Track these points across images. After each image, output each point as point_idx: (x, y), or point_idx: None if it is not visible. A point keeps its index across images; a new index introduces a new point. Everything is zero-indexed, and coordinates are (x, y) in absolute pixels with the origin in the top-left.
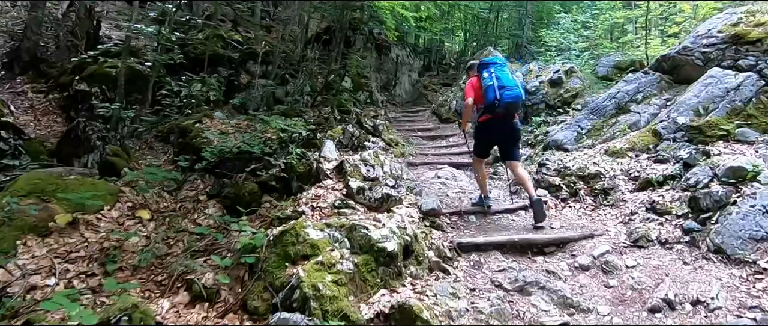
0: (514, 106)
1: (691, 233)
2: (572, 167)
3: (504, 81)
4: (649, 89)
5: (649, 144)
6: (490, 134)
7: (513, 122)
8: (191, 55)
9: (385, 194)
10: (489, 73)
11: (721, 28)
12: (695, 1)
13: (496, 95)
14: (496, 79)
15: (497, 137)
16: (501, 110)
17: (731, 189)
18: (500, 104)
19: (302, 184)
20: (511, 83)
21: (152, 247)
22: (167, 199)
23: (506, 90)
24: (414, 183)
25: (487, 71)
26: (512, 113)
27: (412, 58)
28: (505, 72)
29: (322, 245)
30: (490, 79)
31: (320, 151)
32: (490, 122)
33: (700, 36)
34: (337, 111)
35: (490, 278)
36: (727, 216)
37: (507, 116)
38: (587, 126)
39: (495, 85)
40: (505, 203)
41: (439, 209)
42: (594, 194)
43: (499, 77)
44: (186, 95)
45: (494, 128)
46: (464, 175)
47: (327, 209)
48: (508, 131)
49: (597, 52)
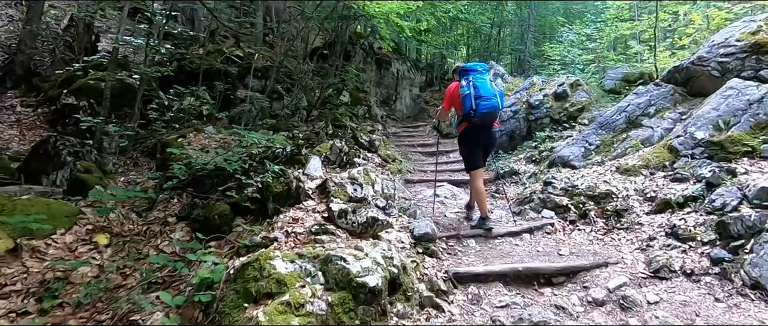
0: (489, 116)
1: (720, 264)
2: (581, 185)
3: (481, 90)
4: (662, 102)
5: (665, 161)
6: (470, 141)
7: (491, 131)
8: (187, 68)
9: (371, 217)
10: (467, 82)
11: (739, 37)
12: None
13: (471, 105)
14: (474, 88)
15: (479, 144)
16: (477, 119)
17: (766, 213)
18: (476, 114)
19: (279, 205)
20: (488, 93)
21: (104, 278)
22: (135, 221)
23: (483, 100)
24: (408, 203)
25: (466, 79)
26: (488, 122)
27: (413, 73)
28: (484, 81)
29: (290, 280)
30: (467, 88)
31: (304, 168)
32: (469, 131)
33: (717, 45)
34: (331, 126)
35: (491, 315)
36: (763, 245)
37: (483, 125)
38: (596, 142)
39: (471, 94)
40: (507, 225)
41: (433, 234)
42: (606, 216)
43: (476, 86)
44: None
45: (472, 136)
46: (464, 193)
47: (303, 236)
48: (484, 140)
49: (603, 65)
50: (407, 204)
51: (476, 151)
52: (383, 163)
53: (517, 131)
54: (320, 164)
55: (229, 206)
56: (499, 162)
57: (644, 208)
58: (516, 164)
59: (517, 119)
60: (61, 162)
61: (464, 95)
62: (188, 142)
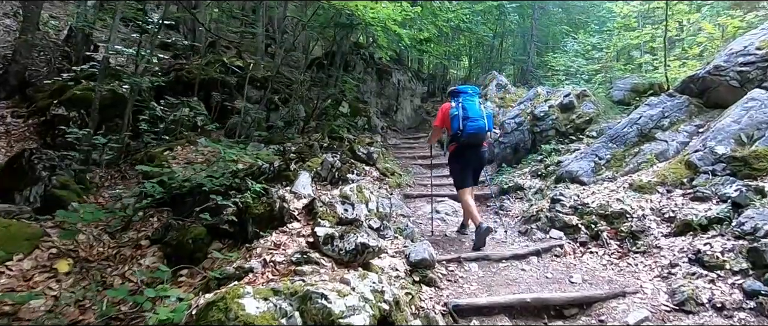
0: (476, 137)
1: (756, 297)
2: (591, 203)
3: (469, 112)
4: (677, 114)
5: (683, 178)
6: (459, 161)
7: (480, 151)
8: (184, 79)
9: (361, 244)
10: (457, 103)
11: (759, 45)
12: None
13: (459, 126)
14: (462, 110)
15: (465, 163)
16: (464, 140)
17: None
18: (463, 135)
19: (261, 228)
20: (475, 114)
21: (57, 313)
22: (106, 243)
23: (470, 121)
24: (406, 222)
25: (456, 101)
26: (475, 143)
27: (414, 83)
28: (473, 103)
29: (261, 323)
30: (456, 109)
31: (292, 185)
32: (458, 150)
33: (735, 54)
34: (328, 138)
35: None
36: None
37: (470, 145)
38: (606, 156)
39: (460, 115)
40: (513, 247)
41: (431, 260)
42: (620, 237)
43: (465, 108)
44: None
45: (461, 156)
46: None
47: (283, 265)
48: (474, 159)
49: (610, 75)
50: (404, 224)
51: (466, 170)
52: (381, 176)
53: (521, 143)
54: (310, 181)
55: (206, 229)
56: (502, 176)
57: (662, 230)
58: (520, 179)
59: (522, 131)
60: (36, 177)
61: (453, 115)
62: (174, 156)
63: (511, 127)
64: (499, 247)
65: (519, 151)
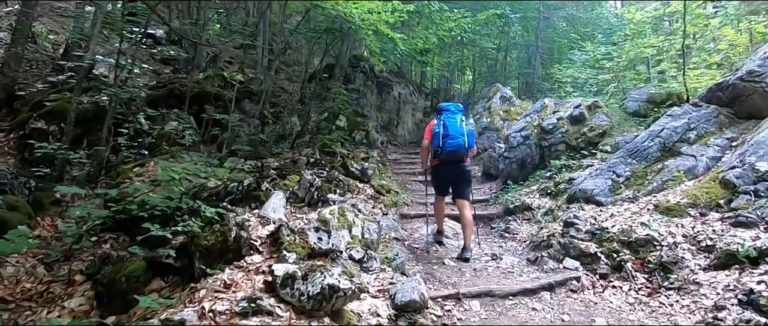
0: (454, 154)
1: None
2: (611, 228)
3: (450, 130)
4: (704, 126)
5: (718, 198)
6: (441, 176)
7: (460, 166)
8: (177, 92)
9: (328, 286)
10: (439, 121)
11: None
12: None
13: (439, 143)
14: (443, 128)
15: (447, 178)
16: (444, 156)
17: None
18: (443, 152)
19: (212, 262)
20: (455, 132)
21: None
22: (38, 277)
23: (449, 138)
24: (397, 250)
25: (438, 118)
26: (454, 160)
27: (415, 97)
28: (454, 120)
29: None
30: (438, 126)
31: (261, 207)
32: (439, 166)
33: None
34: (319, 152)
35: None
36: None
37: (450, 162)
38: (625, 172)
39: (440, 133)
40: (522, 279)
41: (422, 301)
42: (647, 269)
43: (446, 125)
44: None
45: (443, 171)
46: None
47: (225, 316)
48: (455, 174)
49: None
50: (395, 252)
51: (444, 185)
52: (376, 195)
53: (528, 158)
54: (283, 203)
55: (146, 263)
56: (508, 195)
57: (700, 261)
58: (528, 198)
59: (528, 145)
60: None
61: (434, 132)
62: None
63: (516, 141)
64: (505, 279)
65: (526, 167)
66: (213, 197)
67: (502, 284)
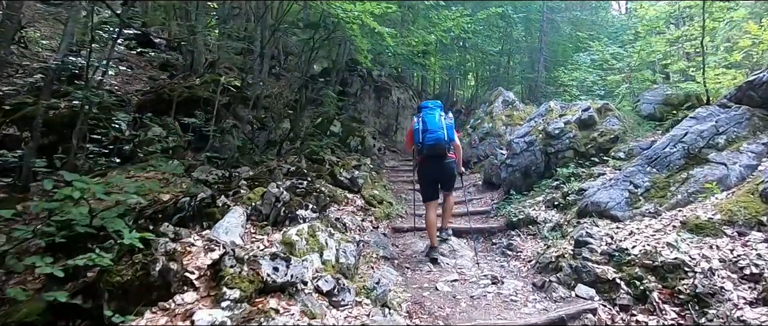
0: (434, 147)
1: None
2: (632, 249)
3: (428, 125)
4: (735, 129)
5: (760, 215)
6: (426, 173)
7: (444, 161)
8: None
9: None
10: (418, 118)
11: None
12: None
13: (419, 138)
14: (422, 123)
15: (432, 175)
16: (425, 151)
17: None
18: (423, 147)
19: (130, 304)
20: (434, 126)
21: None
22: None
23: (428, 133)
24: (378, 276)
25: (417, 116)
26: (437, 153)
27: (416, 102)
28: (432, 116)
29: None
30: (418, 123)
31: (212, 228)
32: (423, 163)
33: None
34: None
35: None
36: None
37: (432, 156)
38: (644, 183)
39: (420, 129)
40: (526, 312)
41: None
42: (678, 301)
43: (425, 121)
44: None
45: (428, 168)
46: (467, 248)
47: None
48: (439, 169)
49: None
50: (376, 279)
51: (431, 184)
52: (366, 206)
53: (532, 166)
54: (242, 221)
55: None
56: (510, 206)
57: (743, 292)
58: (533, 210)
59: (533, 152)
60: None
61: (415, 129)
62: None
63: (520, 147)
64: (507, 310)
65: (530, 175)
66: (159, 216)
67: (503, 317)
